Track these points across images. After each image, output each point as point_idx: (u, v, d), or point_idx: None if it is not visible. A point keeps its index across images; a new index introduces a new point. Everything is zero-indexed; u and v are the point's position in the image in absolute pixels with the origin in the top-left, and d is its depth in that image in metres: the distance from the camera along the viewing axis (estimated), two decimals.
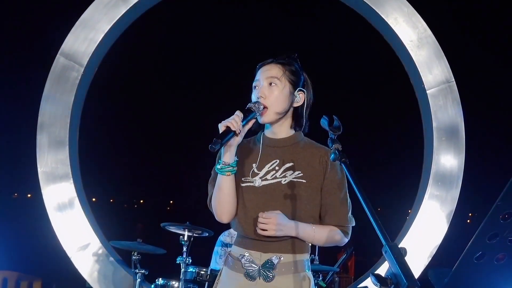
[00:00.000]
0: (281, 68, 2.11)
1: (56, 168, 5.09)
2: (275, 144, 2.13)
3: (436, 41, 5.21)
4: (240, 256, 2.06)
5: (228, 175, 2.02)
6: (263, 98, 2.06)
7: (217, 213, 2.10)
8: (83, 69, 5.17)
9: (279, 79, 2.08)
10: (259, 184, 2.05)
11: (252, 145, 2.17)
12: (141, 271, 4.30)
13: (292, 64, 2.14)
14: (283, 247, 2.03)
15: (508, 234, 1.10)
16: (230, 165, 2.01)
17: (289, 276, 2.01)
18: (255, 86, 2.12)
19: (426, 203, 5.13)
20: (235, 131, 1.94)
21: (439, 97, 5.19)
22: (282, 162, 2.08)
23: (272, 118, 2.09)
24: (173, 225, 4.29)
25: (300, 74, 2.15)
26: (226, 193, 2.04)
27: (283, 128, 2.14)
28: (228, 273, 2.09)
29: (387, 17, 5.22)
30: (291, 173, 2.06)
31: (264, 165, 2.08)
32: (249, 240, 2.07)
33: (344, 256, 5.17)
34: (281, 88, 2.07)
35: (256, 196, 2.05)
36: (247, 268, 2.03)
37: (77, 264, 5.03)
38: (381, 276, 1.16)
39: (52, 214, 5.04)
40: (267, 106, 2.06)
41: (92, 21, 5.20)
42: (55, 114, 5.14)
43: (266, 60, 2.16)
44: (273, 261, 2.01)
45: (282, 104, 2.08)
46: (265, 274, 2.01)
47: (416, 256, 4.99)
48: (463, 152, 5.16)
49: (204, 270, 4.34)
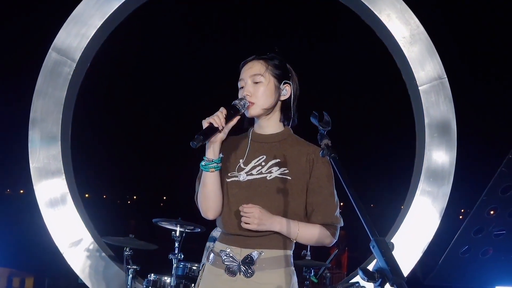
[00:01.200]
0: (263, 63, 2.09)
1: (48, 163, 5.07)
2: (263, 140, 2.12)
3: (429, 38, 5.22)
4: (220, 251, 2.06)
5: (212, 171, 2.01)
6: (249, 96, 2.05)
7: (203, 210, 2.09)
8: (75, 64, 5.15)
9: (262, 75, 2.06)
10: (244, 179, 2.04)
11: (241, 140, 2.16)
12: (133, 267, 4.29)
13: (275, 58, 2.12)
14: (264, 243, 2.01)
15: (493, 229, 1.11)
16: (214, 161, 2.00)
17: (270, 271, 2.00)
18: (241, 86, 2.11)
19: (418, 199, 5.15)
20: (218, 128, 1.94)
21: (431, 93, 5.21)
22: (268, 158, 2.07)
23: (258, 112, 2.08)
24: (165, 221, 4.30)
25: (284, 67, 2.13)
26: (210, 190, 2.03)
27: (272, 123, 2.13)
28: (209, 269, 2.09)
29: (379, 13, 5.23)
30: (277, 169, 2.04)
31: (250, 161, 2.07)
32: (231, 236, 2.06)
33: (336, 251, 5.19)
34: (266, 83, 2.06)
35: (240, 191, 2.04)
36: (227, 263, 2.02)
37: (69, 260, 5.02)
38: (369, 271, 1.17)
39: (44, 210, 5.03)
40: (253, 103, 2.05)
41: (84, 16, 5.18)
42: (47, 109, 5.12)
43: (248, 58, 2.15)
44: (253, 256, 2.00)
45: (268, 99, 2.07)
46: (245, 269, 2.00)
47: (408, 251, 5.02)
48: (455, 148, 5.18)
49: (196, 266, 4.35)
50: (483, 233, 1.11)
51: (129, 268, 4.29)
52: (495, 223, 1.10)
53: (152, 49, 21.55)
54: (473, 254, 1.13)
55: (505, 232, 1.12)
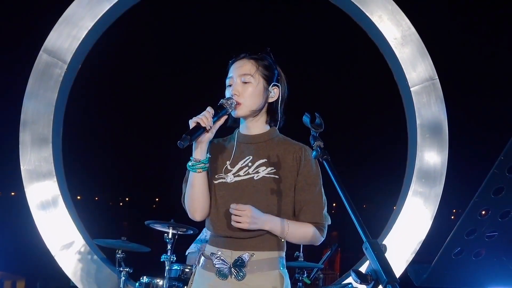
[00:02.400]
0: (254, 63, 2.07)
1: (40, 166, 5.05)
2: (249, 140, 2.10)
3: (420, 39, 5.25)
4: (211, 254, 2.03)
5: (199, 171, 1.99)
6: (237, 95, 2.03)
7: (190, 211, 2.07)
8: (66, 66, 5.13)
9: (252, 76, 2.04)
10: (231, 180, 2.03)
11: (227, 143, 2.14)
12: (125, 269, 4.28)
13: (265, 59, 2.10)
14: (256, 244, 2.00)
15: (485, 230, 1.12)
16: (201, 161, 1.98)
17: (261, 274, 1.97)
18: (229, 84, 2.09)
19: (410, 200, 5.17)
20: (205, 127, 1.91)
21: (423, 94, 5.23)
22: (255, 158, 2.05)
23: (246, 112, 2.06)
24: (158, 223, 4.28)
25: (274, 68, 2.11)
26: (197, 191, 2.01)
27: (258, 124, 2.11)
28: (200, 272, 2.06)
29: (371, 14, 5.24)
30: (264, 169, 2.03)
31: (237, 162, 2.06)
32: (221, 238, 2.04)
33: (328, 252, 5.19)
34: (255, 84, 2.04)
35: (228, 192, 2.02)
36: (218, 266, 2.00)
37: (61, 262, 5.00)
38: (361, 273, 1.18)
39: (35, 213, 5.00)
40: (240, 103, 2.03)
41: (75, 17, 5.15)
42: (38, 111, 5.09)
43: (239, 56, 2.12)
44: (244, 258, 1.98)
45: (256, 100, 2.05)
46: (236, 272, 1.97)
47: (400, 252, 5.03)
48: (447, 149, 5.21)
49: (189, 268, 4.34)
50: (475, 234, 1.11)
51: (122, 270, 4.27)
52: (488, 225, 1.11)
53: (143, 50, 21.57)
54: (466, 255, 1.13)
55: (497, 234, 1.13)
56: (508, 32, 16.27)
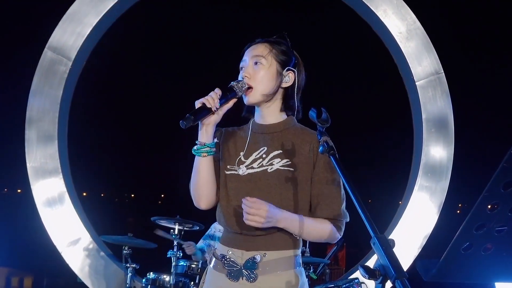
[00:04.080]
0: (267, 46, 1.96)
1: (45, 163, 5.06)
2: (264, 130, 1.97)
3: (425, 33, 5.23)
4: (221, 255, 1.92)
5: (204, 156, 1.87)
6: (248, 77, 1.91)
7: (195, 198, 1.94)
8: (71, 63, 5.14)
9: (264, 58, 1.93)
10: (244, 173, 1.90)
11: (242, 132, 2.01)
12: (132, 265, 4.30)
13: (281, 43, 1.98)
14: (268, 243, 1.87)
15: (494, 225, 1.11)
16: (206, 145, 1.86)
17: (274, 275, 1.85)
18: (242, 66, 1.97)
19: (416, 194, 5.16)
20: (210, 109, 1.79)
21: (428, 88, 5.22)
22: (269, 149, 1.93)
23: (258, 98, 1.93)
24: (164, 219, 4.29)
25: (290, 53, 1.98)
26: (202, 176, 1.89)
27: (272, 112, 1.98)
28: (212, 273, 1.96)
29: (376, 9, 5.22)
30: (278, 160, 1.90)
31: (251, 153, 1.94)
32: (232, 236, 1.92)
33: (335, 248, 5.19)
34: (267, 66, 1.92)
35: (240, 185, 1.90)
36: (229, 268, 1.89)
37: (68, 259, 5.02)
38: (370, 268, 1.17)
39: (42, 210, 5.02)
40: (252, 86, 1.91)
41: (79, 14, 5.16)
42: (43, 108, 5.11)
43: (254, 41, 2.01)
44: (256, 259, 1.86)
45: (268, 84, 1.92)
46: (248, 274, 1.86)
47: (406, 247, 5.03)
48: (453, 143, 5.19)
49: (195, 264, 4.35)
50: (484, 229, 1.11)
51: (128, 266, 4.29)
52: (497, 219, 1.10)
53: (148, 46, 21.58)
54: (475, 250, 1.12)
55: (506, 228, 1.12)
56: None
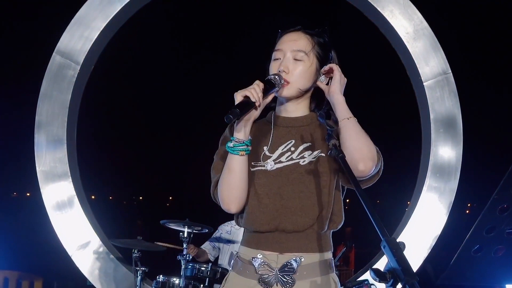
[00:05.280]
0: (310, 40, 1.81)
1: (55, 167, 5.09)
2: (289, 123, 1.84)
3: (432, 33, 5.20)
4: (252, 259, 1.75)
5: (242, 154, 1.71)
6: (285, 72, 1.77)
7: (225, 201, 1.77)
8: (79, 67, 5.16)
9: (307, 54, 1.78)
10: (272, 167, 1.77)
11: (262, 125, 1.87)
12: (141, 269, 4.31)
13: (322, 36, 1.84)
14: (304, 244, 1.73)
15: (505, 227, 1.11)
16: (244, 143, 1.71)
17: (313, 280, 1.71)
18: (278, 57, 1.81)
19: (425, 195, 5.14)
20: (254, 103, 1.64)
21: (436, 89, 5.20)
22: (298, 142, 1.80)
23: (292, 93, 1.80)
24: (173, 222, 4.31)
25: (329, 49, 1.86)
26: (238, 177, 1.73)
27: (300, 107, 1.86)
28: (237, 279, 1.78)
29: (382, 9, 5.21)
30: (309, 153, 1.78)
31: (277, 147, 1.80)
32: (262, 236, 1.75)
33: (344, 249, 5.18)
34: (308, 64, 1.79)
35: (269, 181, 1.76)
36: (262, 273, 1.72)
37: (77, 262, 5.04)
38: (380, 271, 1.17)
39: (51, 213, 5.04)
40: (289, 82, 1.77)
41: (87, 18, 5.18)
42: (52, 112, 5.13)
43: (292, 27, 1.85)
44: (294, 263, 1.71)
45: (306, 82, 1.80)
46: (284, 279, 1.71)
47: (415, 248, 5.00)
48: (461, 143, 5.17)
49: (205, 267, 4.36)
50: (495, 231, 1.10)
51: (138, 269, 4.30)
52: (507, 222, 1.10)
53: (155, 49, 21.65)
54: (485, 252, 1.12)
55: None
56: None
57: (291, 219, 1.72)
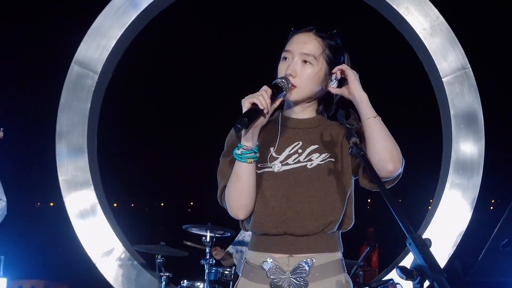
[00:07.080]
0: (321, 44, 1.75)
1: (77, 175, 5.14)
2: (296, 125, 1.80)
3: (450, 28, 5.16)
4: (262, 263, 1.70)
5: (250, 162, 1.66)
6: (292, 76, 1.72)
7: (233, 207, 1.73)
8: (97, 76, 5.22)
9: (316, 58, 1.73)
10: (279, 169, 1.72)
11: (269, 125, 1.80)
12: (165, 274, 4.32)
13: (333, 39, 1.78)
14: (314, 245, 1.69)
15: None
16: (252, 150, 1.66)
17: (325, 281, 1.68)
18: (286, 57, 1.77)
19: (448, 192, 5.09)
20: (262, 110, 1.59)
21: (455, 84, 5.14)
22: (305, 144, 1.76)
23: (299, 97, 1.76)
24: (195, 227, 4.32)
25: (341, 53, 1.80)
26: (246, 184, 1.69)
27: (308, 110, 1.81)
28: (248, 286, 1.73)
29: (398, 6, 5.18)
30: (317, 156, 1.74)
31: (284, 149, 1.76)
32: (271, 239, 1.71)
33: (367, 249, 5.14)
34: (317, 69, 1.73)
35: (276, 183, 1.71)
36: (274, 277, 1.68)
37: (102, 269, 5.08)
38: (407, 268, 1.15)
39: (75, 222, 5.10)
40: (296, 86, 1.72)
41: (103, 28, 5.24)
42: (72, 122, 5.20)
43: (305, 28, 1.79)
44: (304, 265, 1.67)
45: (314, 87, 1.75)
46: (296, 282, 1.67)
47: (440, 246, 4.95)
48: (483, 138, 5.11)
49: (228, 270, 4.36)
50: None
51: (162, 275, 4.32)
52: None
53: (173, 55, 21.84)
54: None
55: None
56: None
57: (300, 223, 1.69)
